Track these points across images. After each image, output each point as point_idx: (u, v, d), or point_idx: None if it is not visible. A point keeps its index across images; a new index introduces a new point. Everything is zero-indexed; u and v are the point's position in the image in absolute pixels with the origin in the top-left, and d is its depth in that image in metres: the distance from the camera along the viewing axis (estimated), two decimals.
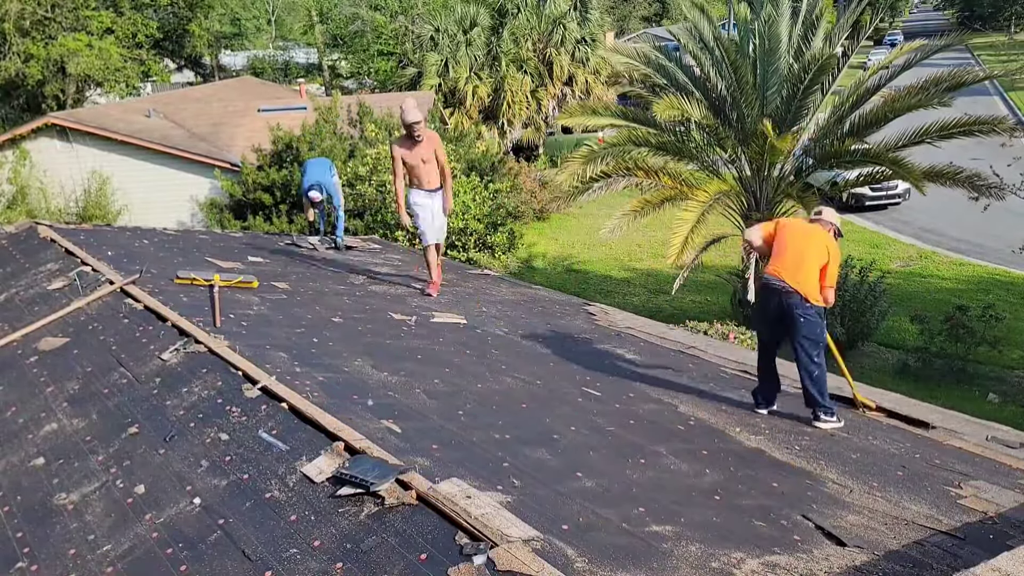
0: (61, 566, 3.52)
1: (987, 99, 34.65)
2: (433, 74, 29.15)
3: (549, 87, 30.32)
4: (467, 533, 3.04)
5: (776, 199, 12.89)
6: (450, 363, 5.70)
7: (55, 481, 4.17)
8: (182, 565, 3.27)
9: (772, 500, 4.04)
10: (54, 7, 29.98)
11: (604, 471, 4.12)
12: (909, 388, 11.00)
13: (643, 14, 67.68)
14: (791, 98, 12.14)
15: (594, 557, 3.09)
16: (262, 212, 16.86)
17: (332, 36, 44.00)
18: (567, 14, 30.55)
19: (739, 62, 12.30)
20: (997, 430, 5.50)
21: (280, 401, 4.26)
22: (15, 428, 4.81)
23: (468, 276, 9.84)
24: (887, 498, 4.20)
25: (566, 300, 9.34)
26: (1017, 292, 16.01)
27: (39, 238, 8.08)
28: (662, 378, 6.16)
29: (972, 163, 12.58)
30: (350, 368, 5.17)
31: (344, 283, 8.08)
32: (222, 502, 3.61)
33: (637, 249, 20.05)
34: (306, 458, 3.72)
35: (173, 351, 5.12)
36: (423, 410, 4.60)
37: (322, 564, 3.05)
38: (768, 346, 5.67)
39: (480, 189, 15.45)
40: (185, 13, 37.14)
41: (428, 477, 3.44)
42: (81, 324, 5.94)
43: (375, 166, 15.30)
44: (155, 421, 4.45)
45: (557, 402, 5.22)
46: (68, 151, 20.63)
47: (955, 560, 3.50)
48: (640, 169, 12.75)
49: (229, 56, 52.96)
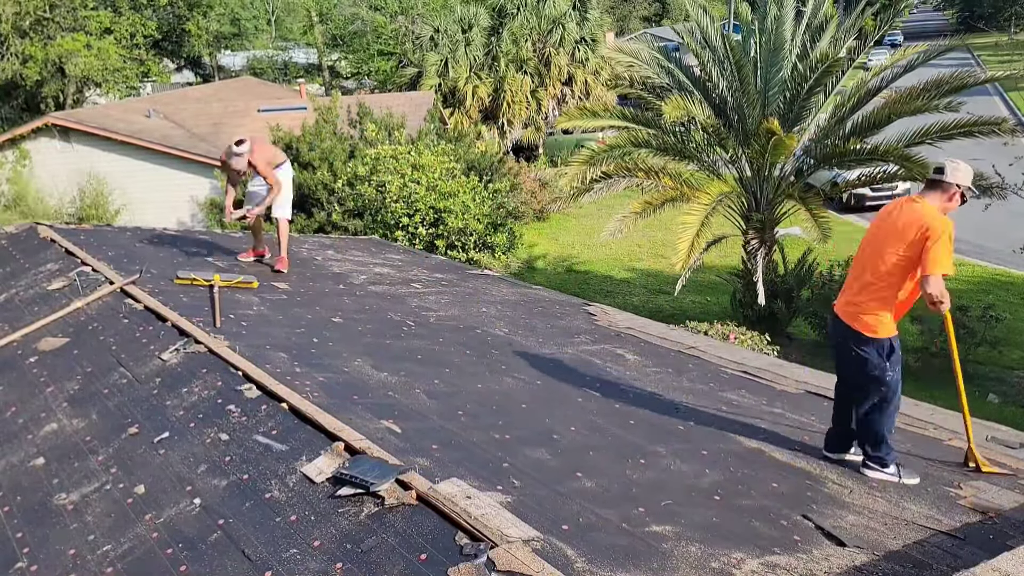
0: (61, 566, 3.52)
1: (987, 99, 34.64)
2: (433, 74, 29.19)
3: (549, 87, 30.34)
4: (467, 533, 3.04)
5: (777, 199, 12.90)
6: (450, 363, 5.70)
7: (55, 481, 4.17)
8: (182, 565, 3.27)
9: (772, 500, 4.04)
10: (52, 7, 29.98)
11: (604, 471, 4.12)
12: (909, 388, 10.95)
13: (643, 14, 67.70)
14: (794, 98, 12.15)
15: (594, 557, 3.09)
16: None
17: (332, 36, 44.03)
18: (567, 14, 30.57)
19: (742, 62, 12.31)
20: (997, 430, 5.50)
21: (280, 401, 4.26)
22: (15, 428, 4.81)
23: (468, 276, 9.83)
24: (887, 498, 4.20)
25: (566, 300, 9.34)
26: (1017, 292, 16.01)
27: (39, 238, 8.08)
28: (662, 378, 6.16)
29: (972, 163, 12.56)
30: (350, 368, 5.17)
31: (344, 283, 8.08)
32: (222, 502, 3.61)
33: (637, 249, 20.04)
34: (306, 458, 3.72)
35: (173, 351, 5.12)
36: (423, 410, 4.60)
37: (322, 564, 3.05)
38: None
39: (480, 189, 15.46)
40: (183, 12, 37.15)
41: (428, 477, 3.44)
42: (81, 324, 5.94)
43: (375, 166, 15.31)
44: (155, 421, 4.44)
45: (557, 402, 5.22)
46: (68, 151, 20.64)
47: (955, 560, 3.50)
48: (641, 170, 12.76)
49: (229, 56, 52.96)
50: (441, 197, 14.41)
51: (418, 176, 14.64)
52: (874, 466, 4.48)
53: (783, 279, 13.51)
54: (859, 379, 4.49)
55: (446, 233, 14.45)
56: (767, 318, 12.88)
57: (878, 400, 4.45)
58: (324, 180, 16.22)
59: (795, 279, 13.49)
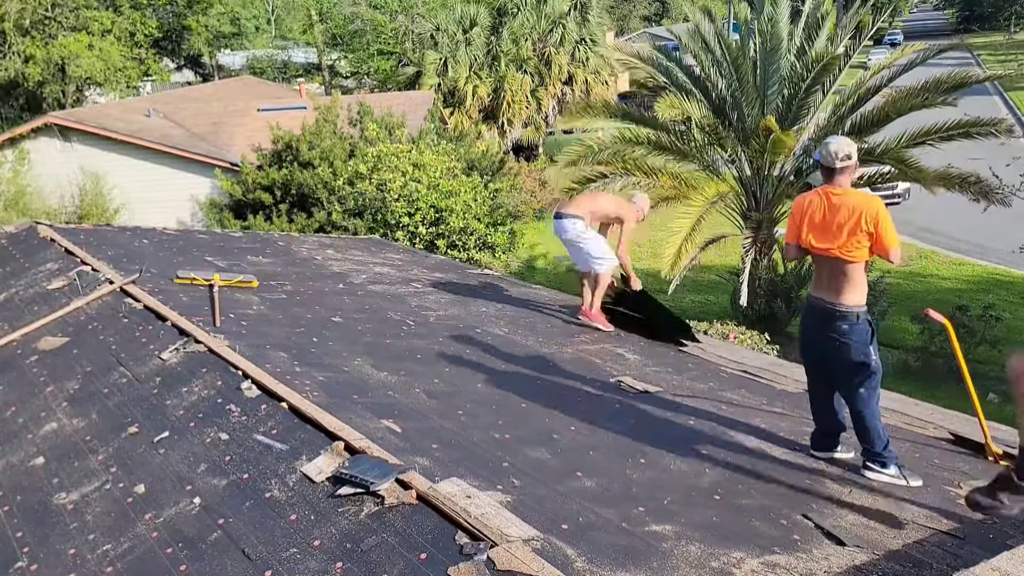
0: (61, 566, 3.52)
1: (987, 99, 34.66)
2: (432, 73, 29.16)
3: (549, 87, 30.33)
4: (467, 533, 3.05)
5: (776, 199, 12.91)
6: (450, 363, 5.70)
7: (55, 481, 4.17)
8: (182, 565, 3.27)
9: (772, 500, 4.04)
10: (54, 6, 29.98)
11: (604, 471, 4.12)
12: (909, 388, 10.99)
13: (643, 14, 67.72)
14: (793, 97, 12.17)
15: (594, 557, 3.09)
16: (262, 212, 16.86)
17: (332, 36, 44.00)
18: (567, 14, 30.56)
19: (740, 61, 12.31)
20: (997, 429, 5.49)
21: (280, 401, 4.26)
22: (15, 428, 4.81)
23: (468, 276, 9.83)
24: (887, 498, 4.20)
25: (566, 300, 9.33)
26: (1017, 292, 16.02)
27: (39, 238, 8.08)
28: (662, 377, 6.15)
29: (971, 163, 12.60)
30: (350, 367, 5.17)
31: (344, 283, 8.08)
32: (222, 502, 3.61)
33: (637, 249, 20.03)
34: (306, 458, 3.72)
35: (173, 351, 5.11)
36: (423, 410, 4.60)
37: (322, 564, 3.05)
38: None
39: (480, 189, 15.46)
40: (183, 10, 37.15)
41: (428, 477, 3.44)
42: (81, 324, 5.94)
43: (376, 164, 15.31)
44: (155, 421, 4.44)
45: (557, 402, 5.22)
46: (68, 151, 20.63)
47: (955, 560, 3.50)
48: (639, 169, 12.77)
49: (228, 56, 52.94)
50: (442, 196, 14.41)
51: (419, 175, 14.65)
52: (874, 467, 4.46)
53: (783, 278, 13.52)
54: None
55: (447, 232, 14.46)
56: (767, 318, 12.89)
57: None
58: (324, 178, 16.22)
59: (795, 278, 13.50)
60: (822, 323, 4.44)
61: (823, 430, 4.73)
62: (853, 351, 4.33)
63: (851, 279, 4.33)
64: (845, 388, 4.49)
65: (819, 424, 4.75)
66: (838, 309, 4.34)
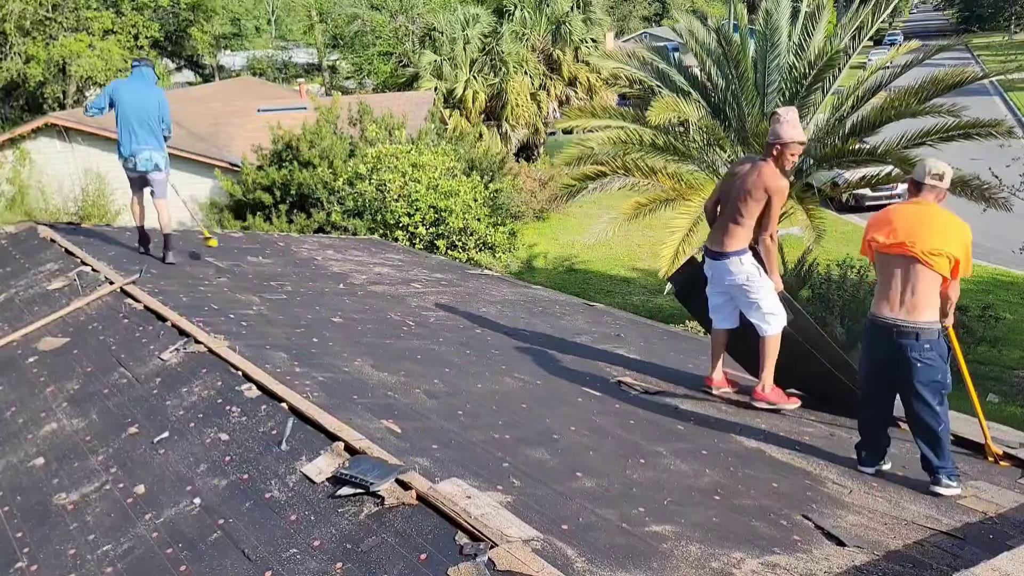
0: (61, 566, 3.52)
1: (987, 99, 34.61)
2: (428, 76, 29.14)
3: (550, 88, 30.33)
4: (467, 533, 3.04)
5: None
6: (450, 363, 5.70)
7: (55, 481, 4.17)
8: (182, 565, 3.27)
9: (772, 500, 4.04)
10: (55, 7, 29.98)
11: (604, 471, 4.12)
12: None
13: (643, 14, 67.73)
14: (793, 96, 12.18)
15: (594, 557, 3.09)
16: (262, 212, 16.87)
17: (332, 36, 44.00)
18: (568, 15, 30.56)
19: (740, 60, 12.32)
20: (997, 429, 5.50)
21: (280, 401, 4.26)
22: (15, 428, 4.81)
23: (468, 276, 9.84)
24: (887, 498, 4.20)
25: (566, 300, 9.34)
26: (1017, 292, 16.01)
27: (39, 238, 8.08)
28: (662, 378, 6.15)
29: (970, 163, 12.60)
30: (350, 368, 5.17)
31: (344, 283, 8.08)
32: (222, 502, 3.61)
33: (637, 249, 20.05)
34: (306, 458, 3.72)
35: (173, 351, 5.12)
36: (423, 410, 4.60)
37: (322, 564, 3.05)
38: None
39: (480, 189, 15.47)
40: (187, 16, 37.16)
41: (428, 477, 3.44)
42: (81, 324, 5.94)
43: (376, 164, 15.31)
44: (155, 421, 4.44)
45: (557, 402, 5.22)
46: (68, 151, 20.63)
47: (955, 560, 3.50)
48: (638, 170, 12.78)
49: (229, 56, 52.98)
50: (442, 196, 14.42)
51: (418, 175, 14.65)
52: (951, 483, 4.25)
53: (782, 278, 13.53)
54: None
55: (447, 233, 14.46)
56: None
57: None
58: (324, 178, 16.23)
59: (795, 279, 13.50)
60: (894, 344, 4.21)
61: (876, 446, 4.55)
62: (933, 371, 4.22)
63: (927, 291, 4.14)
64: (920, 404, 4.32)
65: (870, 439, 4.56)
66: (918, 328, 4.14)
